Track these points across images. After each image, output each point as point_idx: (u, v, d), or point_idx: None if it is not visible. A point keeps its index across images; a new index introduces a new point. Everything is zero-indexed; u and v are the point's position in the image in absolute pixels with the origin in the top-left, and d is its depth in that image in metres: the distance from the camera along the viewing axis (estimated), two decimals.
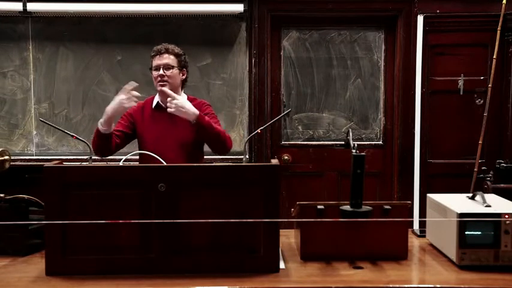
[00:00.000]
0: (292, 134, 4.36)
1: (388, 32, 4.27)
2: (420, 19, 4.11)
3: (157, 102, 2.99)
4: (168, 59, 2.93)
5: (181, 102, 2.78)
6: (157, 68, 2.92)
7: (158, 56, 2.93)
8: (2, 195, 2.30)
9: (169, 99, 2.78)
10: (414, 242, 2.43)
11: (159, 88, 2.92)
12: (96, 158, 2.87)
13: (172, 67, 2.93)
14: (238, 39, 4.15)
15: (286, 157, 4.30)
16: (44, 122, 3.04)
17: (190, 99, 2.98)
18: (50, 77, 4.17)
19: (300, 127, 4.35)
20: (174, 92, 2.93)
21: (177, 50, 2.98)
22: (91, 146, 2.70)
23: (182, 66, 2.99)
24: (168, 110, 2.77)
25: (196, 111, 2.79)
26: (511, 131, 4.16)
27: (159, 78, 2.91)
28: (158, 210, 2.00)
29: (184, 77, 3.01)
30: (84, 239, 2.00)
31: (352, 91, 4.31)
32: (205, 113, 2.92)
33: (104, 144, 2.83)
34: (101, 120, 2.79)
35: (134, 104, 2.80)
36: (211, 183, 2.03)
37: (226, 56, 4.16)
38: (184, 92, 3.05)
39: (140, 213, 2.00)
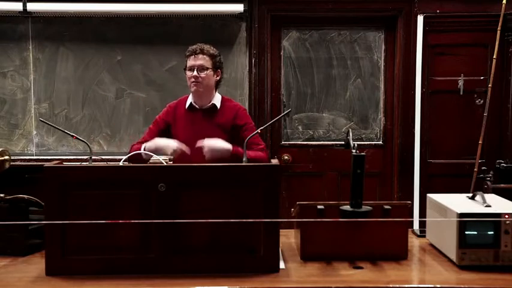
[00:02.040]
0: (292, 134, 4.36)
1: (388, 32, 4.26)
2: (420, 19, 4.11)
3: (191, 103, 2.95)
4: (203, 60, 2.86)
5: (212, 144, 2.70)
6: (192, 69, 2.86)
7: (193, 56, 2.87)
8: (2, 195, 2.30)
9: (203, 147, 2.69)
10: (414, 242, 2.43)
11: (193, 89, 2.87)
12: (96, 158, 2.86)
13: (207, 68, 2.86)
14: (238, 39, 4.15)
15: (286, 157, 4.30)
16: (44, 122, 3.04)
17: (224, 100, 2.97)
18: (50, 77, 4.17)
19: (300, 127, 4.35)
20: (209, 94, 2.90)
21: (212, 50, 2.91)
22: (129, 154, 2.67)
23: (217, 67, 2.92)
24: (206, 158, 2.66)
25: (229, 147, 2.72)
26: (511, 131, 4.16)
27: (192, 79, 2.85)
28: (158, 210, 2.00)
29: (218, 78, 2.96)
30: (84, 239, 2.01)
31: (352, 91, 4.31)
32: (242, 125, 2.88)
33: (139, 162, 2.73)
34: (147, 145, 2.74)
35: (171, 156, 2.74)
36: (211, 183, 2.03)
37: (226, 56, 4.15)
38: (218, 93, 3.00)
39: (140, 213, 2.00)
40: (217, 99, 2.96)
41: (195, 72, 2.85)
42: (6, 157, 2.45)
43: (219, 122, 2.90)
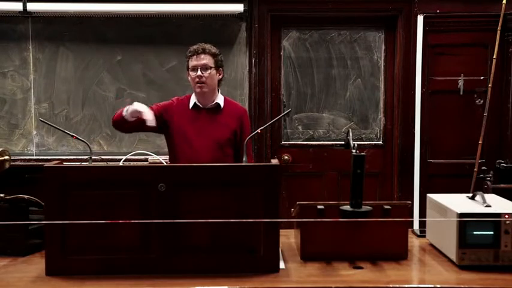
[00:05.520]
0: (292, 134, 4.36)
1: (388, 32, 4.26)
2: (420, 19, 4.11)
3: (195, 102, 2.96)
4: (205, 59, 2.88)
5: None
6: (195, 69, 2.87)
7: (195, 56, 2.88)
8: (2, 195, 2.30)
9: None
10: (414, 242, 2.43)
11: (197, 90, 2.89)
12: (96, 158, 2.86)
13: (210, 68, 2.88)
14: (238, 39, 4.15)
15: (286, 157, 4.30)
16: (44, 122, 3.04)
17: (227, 99, 3.01)
18: (50, 77, 4.17)
19: (300, 127, 4.35)
20: (212, 93, 2.94)
21: (214, 49, 2.93)
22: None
23: (219, 66, 2.95)
24: None
25: None
26: (511, 131, 4.16)
27: (197, 79, 2.87)
28: (158, 210, 2.00)
29: (221, 76, 2.98)
30: (84, 239, 2.00)
31: (352, 91, 4.31)
32: (246, 127, 2.98)
33: (121, 125, 2.78)
34: (128, 108, 2.68)
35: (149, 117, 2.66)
36: (211, 183, 2.03)
37: (226, 56, 4.15)
38: (221, 94, 3.03)
39: (140, 213, 2.00)
40: (220, 99, 2.99)
41: (199, 72, 2.86)
42: (6, 157, 2.45)
43: (224, 120, 2.94)
